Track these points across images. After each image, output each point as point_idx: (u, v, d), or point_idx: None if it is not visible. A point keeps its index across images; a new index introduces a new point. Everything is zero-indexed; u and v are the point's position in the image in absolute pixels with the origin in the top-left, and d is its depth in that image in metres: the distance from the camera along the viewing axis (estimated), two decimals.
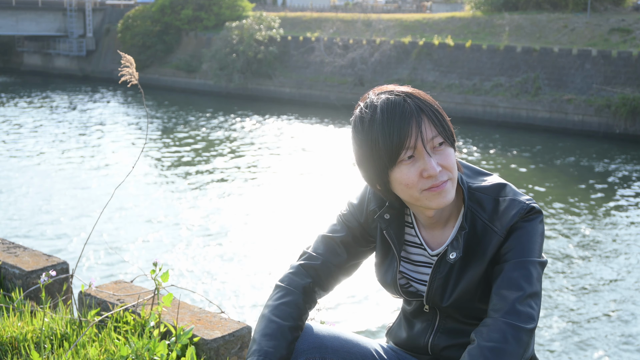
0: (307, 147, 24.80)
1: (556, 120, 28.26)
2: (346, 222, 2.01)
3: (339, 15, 40.17)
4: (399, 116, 1.72)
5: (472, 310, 1.87)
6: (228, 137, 26.74)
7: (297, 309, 1.90)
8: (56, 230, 15.13)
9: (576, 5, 33.44)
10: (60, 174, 20.33)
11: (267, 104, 35.16)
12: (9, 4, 44.76)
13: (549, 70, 29.15)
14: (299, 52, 36.94)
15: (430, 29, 34.72)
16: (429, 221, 1.88)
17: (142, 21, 41.88)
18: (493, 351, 1.67)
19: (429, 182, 1.74)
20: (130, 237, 14.64)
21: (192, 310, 2.81)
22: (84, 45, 46.31)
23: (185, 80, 40.13)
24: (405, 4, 52.54)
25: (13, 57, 51.49)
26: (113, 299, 2.88)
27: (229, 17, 40.90)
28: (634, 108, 26.29)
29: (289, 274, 1.99)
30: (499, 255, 1.79)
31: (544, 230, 1.83)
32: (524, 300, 1.72)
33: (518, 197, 1.82)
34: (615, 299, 12.17)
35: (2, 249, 3.53)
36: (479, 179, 1.89)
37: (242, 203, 17.44)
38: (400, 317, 2.10)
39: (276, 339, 1.83)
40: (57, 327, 2.69)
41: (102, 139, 26.14)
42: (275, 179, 20.03)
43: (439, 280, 1.88)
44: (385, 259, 1.98)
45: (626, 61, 27.65)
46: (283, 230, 15.12)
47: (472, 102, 30.49)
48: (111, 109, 34.02)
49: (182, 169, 21.43)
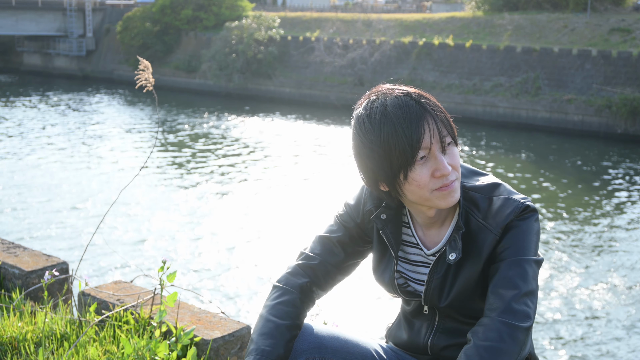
0: (307, 148, 24.79)
1: (556, 120, 28.26)
2: (343, 222, 2.01)
3: (339, 15, 40.17)
4: (415, 116, 1.71)
5: (471, 310, 1.87)
6: (228, 138, 26.74)
7: (294, 308, 1.90)
8: (56, 230, 15.12)
9: (576, 5, 33.43)
10: (61, 175, 20.33)
11: (267, 104, 35.15)
12: (8, 4, 44.75)
13: (549, 70, 29.15)
14: (298, 52, 36.93)
15: (430, 29, 34.71)
16: (429, 221, 1.88)
17: (142, 21, 41.88)
18: (489, 350, 1.67)
19: (440, 182, 1.74)
20: (130, 237, 14.64)
21: (192, 310, 2.81)
22: (83, 45, 46.31)
23: (185, 80, 40.12)
24: (405, 4, 52.53)
25: (13, 57, 51.48)
26: (113, 299, 2.89)
27: (228, 17, 40.90)
28: (634, 108, 26.28)
29: (286, 274, 1.99)
30: (495, 255, 1.79)
31: (539, 228, 1.83)
32: (519, 299, 1.72)
33: (512, 195, 1.82)
34: (615, 299, 12.17)
35: (2, 249, 3.53)
36: (474, 178, 1.89)
37: (242, 203, 17.43)
38: (400, 317, 2.10)
39: (274, 337, 1.83)
40: (57, 327, 2.69)
41: (103, 140, 26.13)
42: (275, 179, 20.02)
43: (436, 280, 1.88)
44: (383, 258, 1.99)
45: (626, 61, 27.64)
46: (282, 231, 15.11)
47: (472, 102, 30.48)
48: (112, 109, 34.02)
49: (181, 169, 21.42)
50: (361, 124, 1.77)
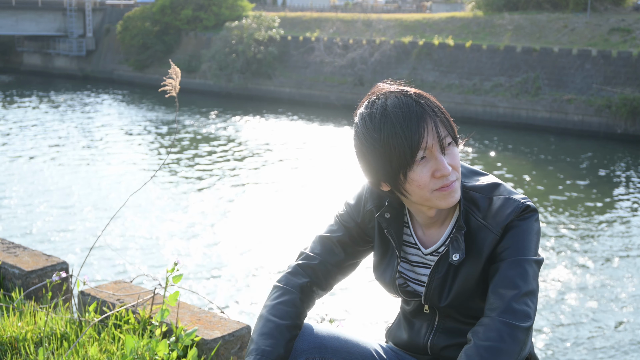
0: (307, 148, 24.79)
1: (556, 120, 28.26)
2: (343, 222, 2.01)
3: (339, 15, 40.17)
4: (414, 117, 1.72)
5: (471, 309, 1.87)
6: (227, 138, 26.73)
7: (294, 308, 1.90)
8: (56, 231, 15.13)
9: (576, 5, 33.44)
10: (61, 175, 20.32)
11: (267, 104, 35.15)
12: (8, 4, 44.76)
13: (549, 70, 29.15)
14: (298, 52, 36.94)
15: (430, 29, 34.72)
16: (429, 220, 1.89)
17: (142, 21, 41.89)
18: (489, 350, 1.67)
19: (440, 182, 1.75)
20: (129, 237, 14.64)
21: (192, 310, 2.81)
22: (83, 45, 46.32)
23: (185, 80, 40.05)
24: (405, 4, 52.54)
25: (13, 57, 51.49)
26: (113, 299, 2.89)
27: (228, 17, 40.91)
28: (634, 108, 26.29)
29: (286, 274, 1.99)
30: (495, 254, 1.80)
31: (539, 228, 1.83)
32: (520, 299, 1.72)
33: (513, 195, 1.82)
34: (614, 298, 12.17)
35: (1, 248, 3.53)
36: (474, 178, 1.89)
37: (242, 203, 17.44)
38: (400, 317, 2.10)
39: (274, 337, 1.83)
40: (57, 327, 2.69)
41: (104, 140, 26.14)
42: (275, 179, 20.02)
43: (437, 280, 1.88)
44: (384, 258, 1.99)
45: (626, 61, 27.65)
46: (282, 231, 15.12)
47: (472, 102, 30.49)
48: (112, 109, 34.02)
49: (180, 170, 21.42)
50: (363, 124, 1.77)
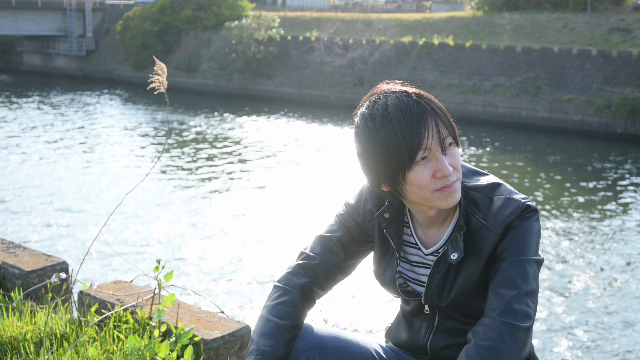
0: (307, 147, 24.80)
1: (556, 120, 28.26)
2: (343, 222, 2.01)
3: (338, 15, 40.17)
4: (415, 117, 1.71)
5: (472, 309, 1.87)
6: (227, 138, 26.74)
7: (294, 308, 1.90)
8: (56, 231, 15.12)
9: (576, 5, 33.44)
10: (61, 175, 20.32)
11: (267, 104, 35.15)
12: (8, 4, 44.76)
13: (549, 70, 29.15)
14: (298, 52, 36.93)
15: (430, 29, 34.72)
16: (429, 220, 1.88)
17: (142, 21, 41.90)
18: (489, 350, 1.67)
19: (441, 182, 1.75)
20: (129, 237, 14.64)
21: (191, 310, 2.81)
22: (83, 45, 46.32)
23: (185, 80, 40.12)
24: (405, 3, 52.52)
25: (13, 57, 51.49)
26: (113, 299, 2.88)
27: (228, 17, 40.92)
28: (634, 108, 26.29)
29: (286, 274, 1.99)
30: (496, 254, 1.79)
31: (540, 228, 1.83)
32: (520, 299, 1.72)
33: (513, 195, 1.82)
34: (614, 298, 12.17)
35: (1, 248, 3.52)
36: (474, 178, 1.89)
37: (241, 203, 17.43)
38: (399, 317, 2.10)
39: (274, 338, 1.83)
40: (57, 327, 2.69)
41: (104, 140, 26.13)
42: (275, 179, 20.02)
43: (437, 280, 1.88)
44: (384, 258, 1.99)
45: (626, 61, 27.65)
46: (282, 231, 15.11)
47: (472, 102, 30.49)
48: (112, 109, 34.01)
49: (179, 170, 21.42)
50: (364, 124, 1.77)
